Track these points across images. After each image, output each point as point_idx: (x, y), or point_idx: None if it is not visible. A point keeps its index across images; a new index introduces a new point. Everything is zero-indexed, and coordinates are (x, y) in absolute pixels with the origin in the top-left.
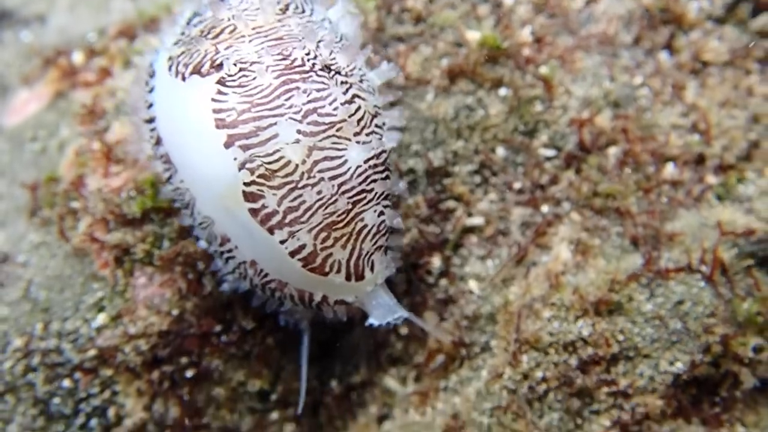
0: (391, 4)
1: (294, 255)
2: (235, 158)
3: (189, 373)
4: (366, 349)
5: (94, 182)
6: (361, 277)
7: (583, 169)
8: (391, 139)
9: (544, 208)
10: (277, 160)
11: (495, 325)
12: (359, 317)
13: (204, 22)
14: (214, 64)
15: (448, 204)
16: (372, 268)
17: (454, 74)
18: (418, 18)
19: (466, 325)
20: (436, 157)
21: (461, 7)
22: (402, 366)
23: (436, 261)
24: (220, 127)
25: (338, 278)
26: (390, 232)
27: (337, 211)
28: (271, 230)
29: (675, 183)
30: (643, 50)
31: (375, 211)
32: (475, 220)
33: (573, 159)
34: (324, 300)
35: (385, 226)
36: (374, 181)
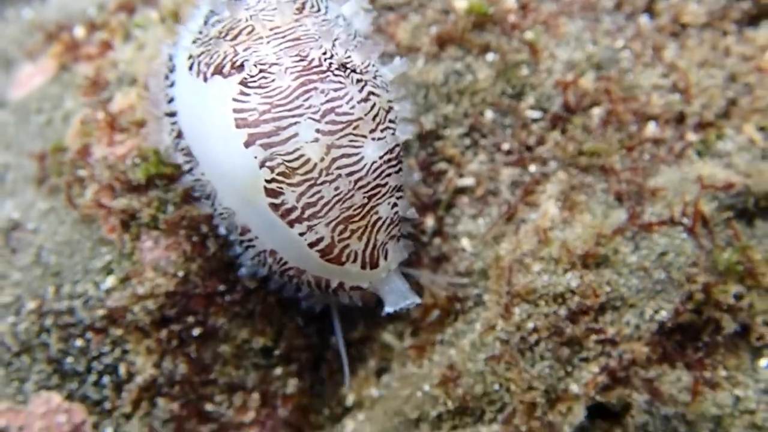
0: None
1: (312, 246)
2: (255, 156)
3: (196, 332)
4: (364, 306)
5: (99, 151)
6: (375, 265)
7: (568, 129)
8: (405, 132)
9: (532, 168)
10: (297, 158)
11: (487, 280)
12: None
13: (222, 23)
14: (234, 66)
15: (439, 166)
16: (386, 257)
17: (443, 41)
18: None
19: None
20: (427, 121)
21: None
22: (399, 322)
23: (429, 221)
24: (242, 126)
25: (354, 267)
26: (402, 220)
27: (354, 206)
28: (290, 224)
29: (657, 141)
30: (624, 14)
31: (389, 204)
32: (466, 181)
33: (559, 120)
34: (340, 286)
35: (398, 217)
36: (388, 175)
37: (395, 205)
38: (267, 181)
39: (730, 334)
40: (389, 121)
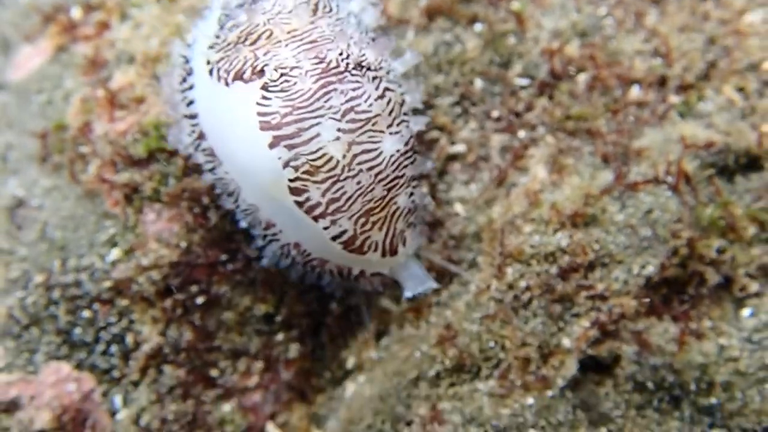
0: None
1: (336, 239)
2: (280, 157)
3: (199, 300)
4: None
5: (100, 127)
6: (395, 253)
7: (555, 95)
8: (418, 123)
9: (521, 134)
10: (320, 157)
11: (480, 243)
12: None
13: (239, 27)
14: (255, 71)
15: (431, 134)
16: (404, 243)
17: (432, 13)
18: None
19: (454, 245)
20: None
21: None
22: (396, 287)
23: (423, 188)
24: (265, 129)
25: (375, 256)
26: (418, 208)
27: (374, 198)
28: (315, 219)
29: (640, 104)
30: None
31: (407, 194)
32: (458, 148)
33: (546, 86)
34: (361, 273)
35: (414, 206)
36: (405, 166)
37: (412, 194)
38: (291, 180)
39: (714, 286)
40: (404, 114)
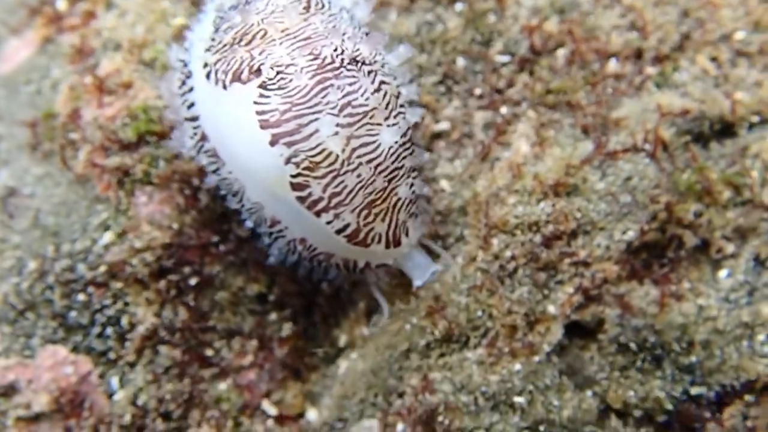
0: None
1: (339, 233)
2: (281, 155)
3: (193, 281)
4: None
5: (89, 113)
6: (398, 244)
7: (535, 70)
8: (414, 114)
9: (503, 110)
10: (320, 152)
11: (466, 216)
12: None
13: (234, 29)
14: (252, 70)
15: None
16: (407, 234)
17: None
18: None
19: (440, 220)
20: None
21: None
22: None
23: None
24: (265, 127)
25: (379, 248)
26: (419, 198)
27: (375, 190)
28: (317, 214)
29: (618, 76)
30: None
31: (407, 185)
32: (442, 126)
33: (526, 62)
34: (367, 265)
35: (415, 196)
36: (404, 157)
37: (412, 184)
38: (293, 176)
39: (692, 249)
40: (400, 106)
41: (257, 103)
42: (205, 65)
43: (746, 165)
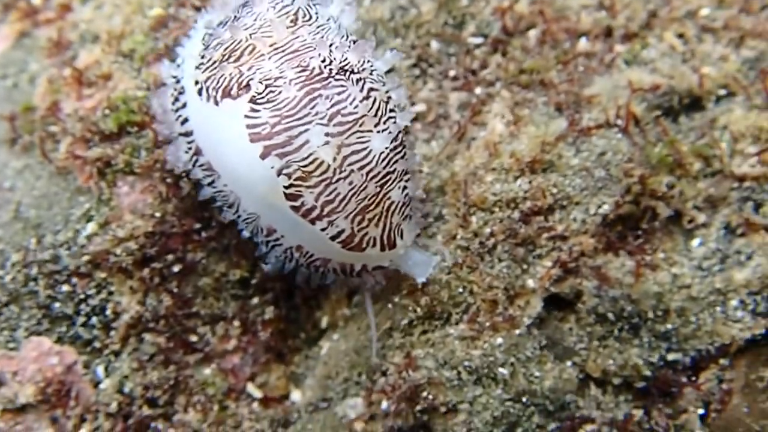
0: None
1: (334, 239)
2: (272, 167)
3: (176, 268)
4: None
5: (69, 105)
6: (393, 246)
7: (508, 51)
8: (404, 118)
9: (478, 90)
10: (311, 162)
11: (445, 196)
12: None
13: (223, 45)
14: (241, 86)
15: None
16: (401, 236)
17: None
18: None
19: (419, 200)
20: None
21: None
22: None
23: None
24: (256, 140)
25: (374, 251)
26: (412, 200)
27: (368, 195)
28: (312, 222)
29: (588, 54)
30: None
31: (399, 188)
32: (418, 108)
33: (499, 43)
34: (364, 268)
35: (408, 198)
36: (396, 162)
37: (405, 187)
38: (286, 187)
39: (665, 219)
40: (389, 111)
41: (248, 117)
42: (197, 82)
43: (715, 137)
